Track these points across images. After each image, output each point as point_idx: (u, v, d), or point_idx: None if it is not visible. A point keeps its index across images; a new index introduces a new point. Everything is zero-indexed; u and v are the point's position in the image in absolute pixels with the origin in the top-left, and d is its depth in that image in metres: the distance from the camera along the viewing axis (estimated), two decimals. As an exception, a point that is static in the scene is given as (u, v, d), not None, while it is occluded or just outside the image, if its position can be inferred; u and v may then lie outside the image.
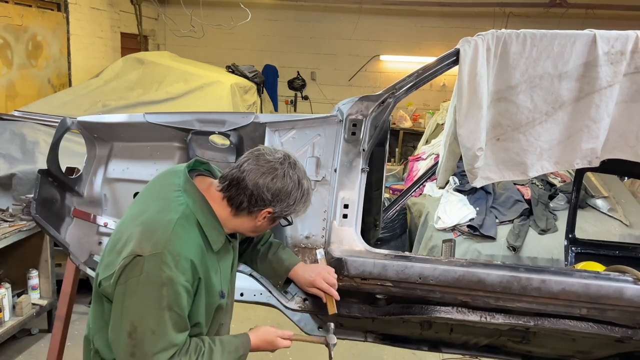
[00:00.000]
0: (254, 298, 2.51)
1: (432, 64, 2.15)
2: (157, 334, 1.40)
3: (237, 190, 1.52)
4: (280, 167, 1.52)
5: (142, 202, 1.61)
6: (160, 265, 1.39)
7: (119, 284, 1.42)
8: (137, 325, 1.40)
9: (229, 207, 1.55)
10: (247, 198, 1.52)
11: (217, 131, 2.29)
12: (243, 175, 1.51)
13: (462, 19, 8.37)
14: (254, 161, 1.52)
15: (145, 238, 1.43)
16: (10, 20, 6.00)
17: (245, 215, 1.56)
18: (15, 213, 3.58)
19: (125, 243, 1.46)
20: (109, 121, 2.43)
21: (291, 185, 1.53)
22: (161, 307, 1.40)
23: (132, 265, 1.41)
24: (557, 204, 4.35)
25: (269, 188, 1.51)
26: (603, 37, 2.04)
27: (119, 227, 1.57)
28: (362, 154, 2.08)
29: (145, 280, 1.39)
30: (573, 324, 1.92)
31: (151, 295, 1.40)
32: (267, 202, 1.53)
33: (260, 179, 1.50)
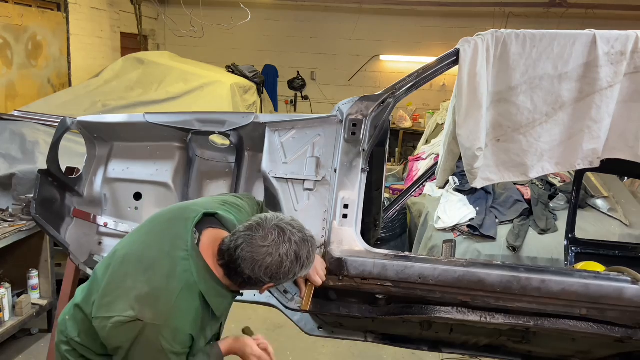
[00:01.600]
0: (253, 298, 2.52)
1: (432, 64, 2.15)
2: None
3: (235, 272, 1.56)
4: (275, 251, 1.53)
5: (150, 247, 1.61)
6: (157, 336, 1.48)
7: (115, 338, 1.51)
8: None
9: (230, 282, 1.61)
10: (246, 281, 1.57)
11: (217, 131, 2.29)
12: (238, 262, 1.53)
13: (462, 18, 8.37)
14: (248, 246, 1.53)
15: (149, 304, 1.49)
16: (10, 20, 6.00)
17: (249, 288, 1.64)
18: (15, 213, 3.57)
19: (127, 293, 1.51)
20: (109, 121, 2.43)
21: (288, 264, 1.55)
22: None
23: (131, 325, 1.48)
24: (557, 204, 4.35)
25: (266, 273, 1.54)
26: (603, 37, 2.04)
27: (122, 265, 1.59)
28: (362, 154, 2.08)
29: (144, 343, 1.48)
30: (573, 324, 1.92)
31: (148, 356, 1.50)
32: (266, 282, 1.58)
33: (256, 266, 1.52)
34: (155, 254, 1.58)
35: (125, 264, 1.59)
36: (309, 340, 2.85)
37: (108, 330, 1.51)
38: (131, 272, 1.56)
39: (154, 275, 1.53)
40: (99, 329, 1.54)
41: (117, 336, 1.50)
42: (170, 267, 1.54)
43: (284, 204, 2.08)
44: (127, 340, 1.49)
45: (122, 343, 1.50)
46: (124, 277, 1.56)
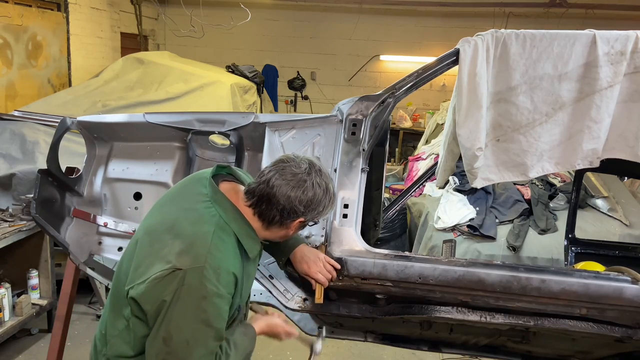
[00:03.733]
0: (254, 298, 2.51)
1: (432, 64, 2.16)
2: (191, 345, 1.42)
3: (268, 205, 1.54)
4: (309, 178, 1.54)
5: (169, 212, 1.59)
6: (201, 279, 1.41)
7: (155, 295, 1.43)
8: (173, 335, 1.42)
9: (260, 221, 1.58)
10: (279, 212, 1.54)
11: (217, 131, 2.29)
12: (273, 191, 1.52)
13: (462, 18, 8.37)
14: (281, 175, 1.53)
15: (185, 252, 1.44)
16: (10, 20, 6.00)
17: (277, 227, 1.59)
18: (15, 213, 3.58)
19: (159, 255, 1.47)
20: (109, 121, 2.43)
21: (320, 193, 1.55)
22: (199, 320, 1.43)
23: (170, 277, 1.41)
24: (557, 204, 4.35)
25: (301, 200, 1.53)
26: (603, 37, 2.04)
27: (146, 236, 1.56)
28: (362, 154, 2.08)
29: (186, 293, 1.41)
30: (573, 324, 1.92)
31: (191, 308, 1.42)
32: (300, 213, 1.56)
33: (292, 192, 1.52)
34: (176, 214, 1.54)
35: (149, 235, 1.55)
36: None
37: (144, 291, 1.43)
38: (157, 238, 1.51)
39: (182, 228, 1.49)
40: (136, 297, 1.46)
41: (156, 293, 1.42)
42: (197, 216, 1.51)
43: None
44: (169, 294, 1.40)
45: (164, 297, 1.41)
46: (151, 244, 1.51)
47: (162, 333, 1.43)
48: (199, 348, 1.43)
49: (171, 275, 1.41)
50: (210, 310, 1.43)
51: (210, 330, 1.44)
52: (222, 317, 1.47)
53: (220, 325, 1.47)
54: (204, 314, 1.43)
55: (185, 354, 1.43)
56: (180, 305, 1.41)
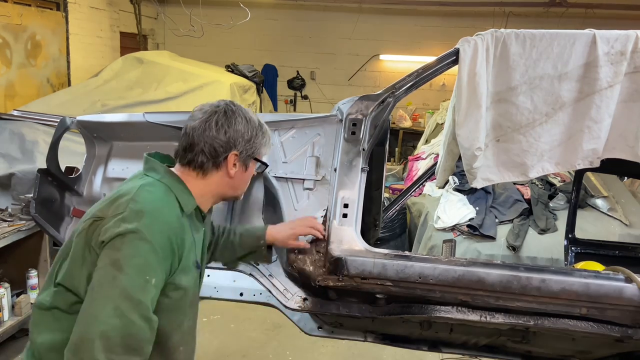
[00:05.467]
0: (253, 298, 2.52)
1: (431, 63, 2.15)
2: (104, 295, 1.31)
3: (192, 152, 1.50)
4: (218, 110, 1.52)
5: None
6: (120, 222, 1.36)
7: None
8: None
9: (194, 172, 1.52)
10: (207, 154, 1.50)
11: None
12: (190, 135, 1.50)
13: (462, 18, 8.37)
14: (193, 120, 1.52)
15: (105, 205, 1.43)
16: (9, 20, 5.99)
17: (215, 172, 1.53)
18: (15, 213, 3.57)
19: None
20: (109, 120, 2.43)
21: (238, 120, 1.52)
22: (111, 262, 1.36)
23: (92, 228, 1.39)
24: (557, 204, 4.35)
25: (218, 131, 1.49)
26: (603, 37, 2.03)
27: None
28: (362, 154, 2.08)
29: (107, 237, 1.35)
30: (573, 324, 1.91)
31: (107, 253, 1.35)
32: (226, 147, 1.50)
33: (204, 127, 1.49)
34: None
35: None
36: (308, 340, 2.84)
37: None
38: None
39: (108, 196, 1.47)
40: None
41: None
42: (127, 187, 1.47)
43: (283, 203, 2.07)
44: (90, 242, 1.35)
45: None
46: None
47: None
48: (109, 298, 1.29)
49: (93, 226, 1.38)
50: (125, 250, 1.31)
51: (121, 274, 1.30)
52: (140, 263, 1.33)
53: (137, 272, 1.31)
54: (118, 252, 1.31)
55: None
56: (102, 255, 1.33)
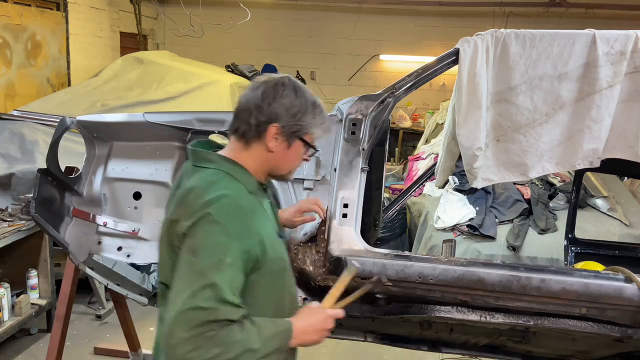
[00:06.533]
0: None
1: (431, 63, 2.16)
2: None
3: (238, 120, 1.46)
4: (272, 81, 1.45)
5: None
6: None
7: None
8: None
9: (239, 143, 1.47)
10: (249, 123, 1.43)
11: (217, 130, 2.29)
12: (240, 104, 1.47)
13: (462, 18, 8.36)
14: (247, 89, 1.48)
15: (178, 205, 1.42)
16: (9, 20, 5.99)
17: (256, 144, 1.46)
18: (15, 213, 3.57)
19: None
20: (109, 120, 2.43)
21: (286, 94, 1.44)
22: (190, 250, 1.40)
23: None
24: (557, 204, 4.35)
25: (264, 101, 1.42)
26: (603, 37, 2.04)
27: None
28: (362, 154, 2.08)
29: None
30: (573, 324, 1.92)
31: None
32: (268, 118, 1.43)
33: (252, 95, 1.45)
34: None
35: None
36: (308, 340, 2.84)
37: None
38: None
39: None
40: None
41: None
42: (193, 185, 1.42)
43: (283, 203, 2.07)
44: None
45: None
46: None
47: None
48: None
49: (170, 229, 1.39)
50: (198, 235, 1.31)
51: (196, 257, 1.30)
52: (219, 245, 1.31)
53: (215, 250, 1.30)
54: (192, 239, 1.32)
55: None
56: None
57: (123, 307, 3.21)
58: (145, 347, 3.47)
